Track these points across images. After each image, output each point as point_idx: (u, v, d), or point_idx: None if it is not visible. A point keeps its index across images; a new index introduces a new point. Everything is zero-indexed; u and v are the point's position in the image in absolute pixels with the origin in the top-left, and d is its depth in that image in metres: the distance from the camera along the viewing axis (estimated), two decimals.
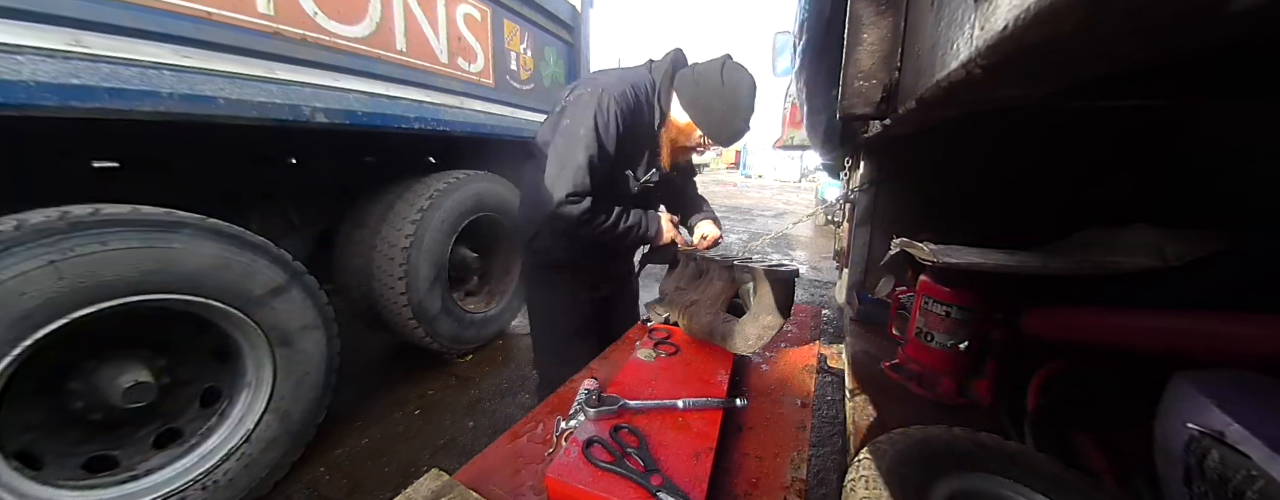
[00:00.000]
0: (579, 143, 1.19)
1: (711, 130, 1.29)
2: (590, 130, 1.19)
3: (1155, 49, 0.27)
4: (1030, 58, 0.28)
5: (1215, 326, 0.71)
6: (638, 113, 1.28)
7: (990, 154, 1.34)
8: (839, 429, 1.99)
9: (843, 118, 0.68)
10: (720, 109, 1.25)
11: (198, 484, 1.40)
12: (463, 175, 2.42)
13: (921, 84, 0.47)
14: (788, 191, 15.78)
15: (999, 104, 0.61)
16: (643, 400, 0.91)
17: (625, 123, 1.23)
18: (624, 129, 1.23)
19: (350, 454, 1.88)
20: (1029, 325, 0.97)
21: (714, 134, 1.30)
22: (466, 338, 2.55)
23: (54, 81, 1.05)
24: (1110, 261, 0.91)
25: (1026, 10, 0.23)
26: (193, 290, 1.34)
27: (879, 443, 0.75)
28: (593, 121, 1.19)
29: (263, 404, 1.55)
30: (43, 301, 1.10)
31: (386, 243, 2.15)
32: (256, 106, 1.42)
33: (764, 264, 1.17)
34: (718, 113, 1.26)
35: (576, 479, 0.70)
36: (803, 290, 4.20)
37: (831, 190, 6.21)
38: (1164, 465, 0.63)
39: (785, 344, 1.37)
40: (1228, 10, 0.20)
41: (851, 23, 0.60)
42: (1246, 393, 0.57)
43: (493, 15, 2.42)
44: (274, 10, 1.48)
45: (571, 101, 1.25)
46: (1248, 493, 0.48)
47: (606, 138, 1.21)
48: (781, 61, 3.66)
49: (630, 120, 1.25)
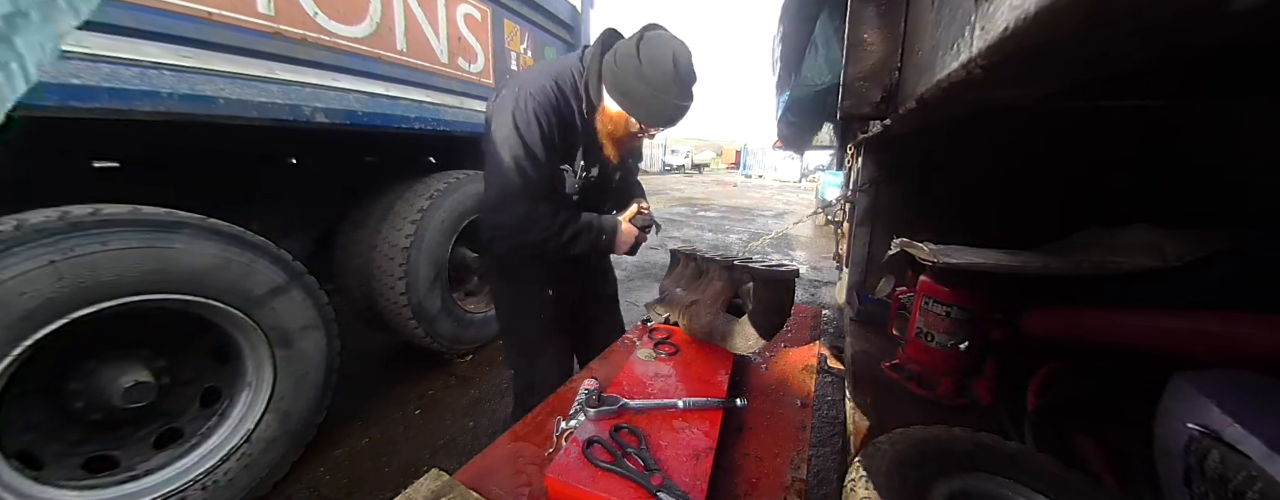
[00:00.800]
0: (503, 148, 1.12)
1: (643, 116, 1.16)
2: (511, 132, 1.12)
3: (1155, 49, 0.27)
4: (1030, 58, 0.28)
5: (1215, 326, 0.71)
6: (563, 107, 1.18)
7: (990, 154, 1.34)
8: (839, 429, 1.99)
9: (843, 118, 0.68)
10: (645, 91, 1.10)
11: (198, 484, 1.40)
12: (463, 175, 2.42)
13: (921, 84, 0.47)
14: (788, 191, 15.79)
15: (999, 104, 0.61)
16: (643, 400, 0.91)
17: (548, 120, 1.14)
18: (547, 128, 1.14)
19: (350, 454, 1.89)
20: (1029, 325, 0.97)
21: (646, 118, 1.16)
22: (466, 338, 2.55)
23: (54, 81, 1.05)
24: (1110, 261, 0.91)
25: (1027, 11, 0.23)
26: (193, 290, 1.34)
27: (879, 443, 0.75)
28: (511, 122, 1.11)
29: (263, 404, 1.55)
30: (43, 301, 1.10)
31: (386, 243, 2.15)
32: (257, 106, 1.43)
33: (764, 264, 1.17)
34: (643, 96, 1.11)
35: (576, 479, 0.70)
36: (803, 290, 4.20)
37: (831, 190, 6.22)
38: (1164, 465, 0.63)
39: (785, 344, 1.37)
40: (1228, 10, 0.20)
41: (852, 23, 0.60)
42: (1246, 393, 0.57)
43: (493, 15, 2.42)
44: (274, 10, 1.48)
45: (496, 107, 1.17)
46: (1248, 493, 0.48)
47: (529, 138, 1.12)
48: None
49: (555, 116, 1.16)
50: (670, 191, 14.26)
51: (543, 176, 1.16)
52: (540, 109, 1.13)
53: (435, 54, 2.11)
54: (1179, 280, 0.83)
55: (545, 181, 1.18)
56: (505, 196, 1.14)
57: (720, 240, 6.59)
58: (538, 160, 1.14)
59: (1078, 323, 0.90)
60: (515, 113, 1.12)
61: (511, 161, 1.12)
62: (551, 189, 1.22)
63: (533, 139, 1.13)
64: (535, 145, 1.13)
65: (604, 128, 1.23)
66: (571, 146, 1.24)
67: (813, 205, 8.61)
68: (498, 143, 1.13)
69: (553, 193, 1.23)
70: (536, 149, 1.13)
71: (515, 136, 1.12)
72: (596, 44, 1.20)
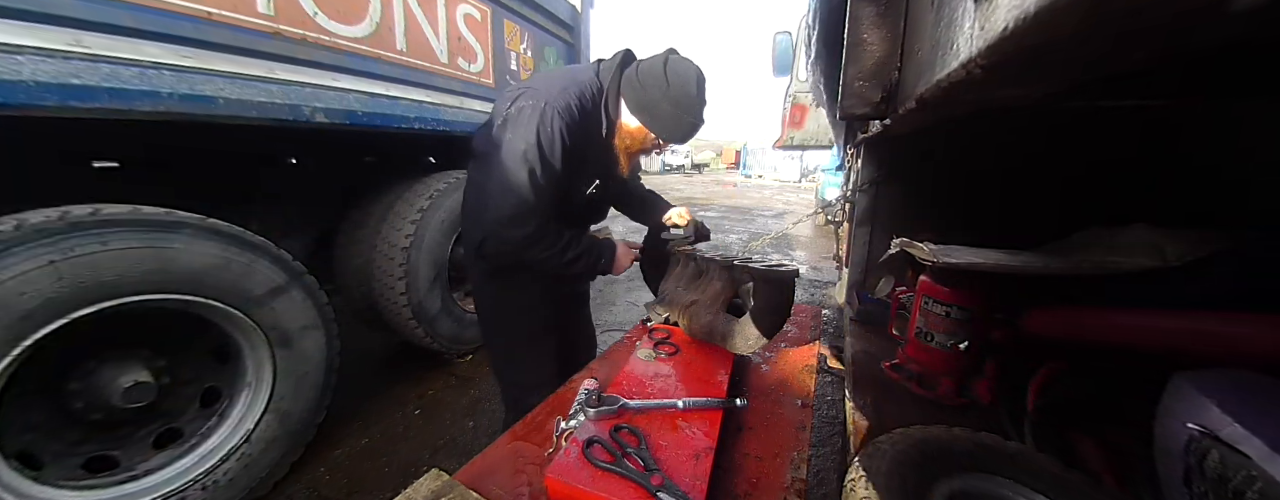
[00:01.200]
0: (521, 161, 1.11)
1: (663, 132, 1.23)
2: (533, 147, 1.11)
3: (1155, 49, 0.27)
4: (1030, 58, 0.28)
5: (1215, 326, 0.72)
6: (586, 125, 1.20)
7: (990, 154, 1.34)
8: (839, 429, 1.99)
9: (843, 117, 0.68)
10: (669, 109, 1.18)
11: (198, 484, 1.40)
12: (463, 175, 2.41)
13: (921, 84, 0.47)
14: (788, 191, 15.78)
15: (999, 104, 0.61)
16: (643, 400, 0.91)
17: (572, 137, 1.16)
18: (570, 145, 1.15)
19: (350, 454, 1.88)
20: (1029, 325, 0.97)
21: (667, 135, 1.23)
22: (466, 338, 2.55)
23: (54, 81, 1.05)
24: (1110, 261, 0.91)
25: (1026, 11, 0.23)
26: (193, 290, 1.34)
27: (879, 443, 0.75)
28: (536, 138, 1.11)
29: (263, 404, 1.55)
30: (43, 301, 1.10)
31: (386, 243, 2.15)
32: (256, 106, 1.42)
33: (764, 264, 1.16)
34: (666, 113, 1.19)
35: (576, 479, 0.70)
36: (803, 290, 4.20)
37: (831, 190, 6.22)
38: (1164, 465, 0.63)
39: (785, 344, 1.37)
40: (1228, 10, 0.20)
41: (851, 23, 0.60)
42: (1246, 393, 0.57)
43: (493, 15, 2.42)
44: (274, 10, 1.48)
45: (512, 114, 1.15)
46: (1247, 493, 0.48)
47: (551, 156, 1.13)
48: (781, 62, 3.67)
49: (578, 134, 1.17)
50: (670, 192, 14.18)
51: (555, 195, 1.18)
52: (566, 128, 1.14)
53: (435, 54, 2.11)
54: (1179, 280, 0.84)
55: (556, 199, 1.19)
56: (518, 212, 1.13)
57: (720, 240, 6.59)
58: (554, 178, 1.15)
59: (1078, 323, 0.91)
60: (540, 128, 1.11)
61: (528, 177, 1.11)
62: (561, 201, 1.23)
63: (555, 157, 1.13)
64: (555, 163, 1.14)
65: (622, 143, 1.28)
66: (589, 162, 1.27)
67: (812, 205, 8.61)
68: (516, 155, 1.12)
69: (560, 204, 1.24)
70: (556, 167, 1.14)
71: (537, 152, 1.11)
72: (614, 63, 1.24)
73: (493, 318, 1.45)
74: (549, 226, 1.18)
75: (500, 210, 1.14)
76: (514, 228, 1.14)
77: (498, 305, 1.42)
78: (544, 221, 1.16)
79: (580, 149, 1.20)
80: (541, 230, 1.16)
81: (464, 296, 2.68)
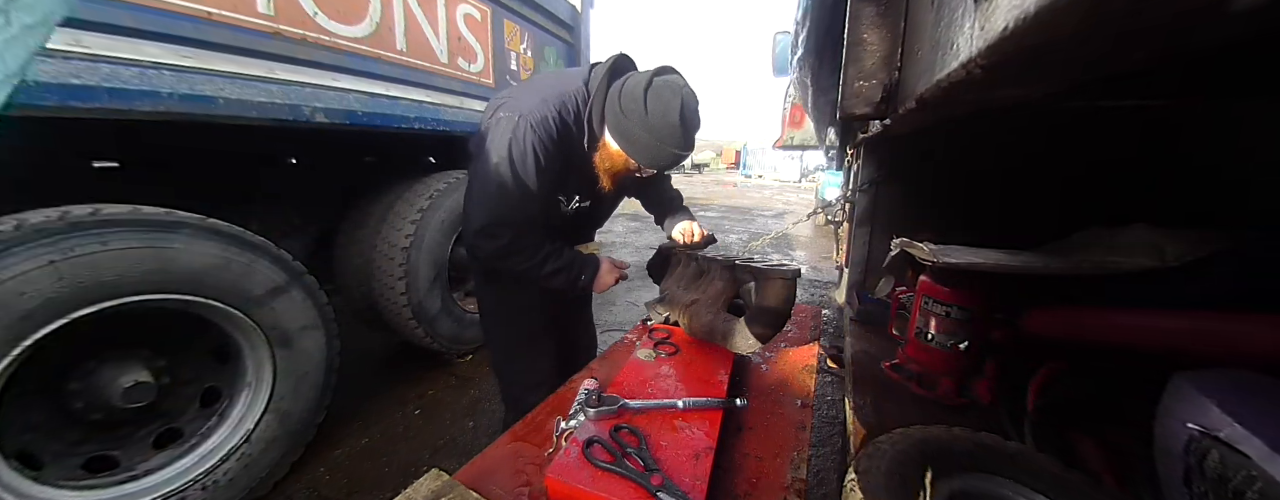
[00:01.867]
0: (493, 174, 1.09)
1: (643, 160, 1.17)
2: (505, 161, 1.09)
3: (1155, 49, 0.27)
4: (1030, 58, 0.28)
5: (1215, 326, 0.72)
6: (564, 139, 1.16)
7: (990, 154, 1.34)
8: (839, 429, 1.99)
9: (843, 118, 0.68)
10: (646, 139, 1.11)
11: (198, 484, 1.40)
12: (463, 175, 2.42)
13: (921, 84, 0.47)
14: (788, 191, 15.79)
15: (999, 104, 0.61)
16: (643, 400, 0.91)
17: (546, 152, 1.12)
18: (544, 161, 1.11)
19: (350, 454, 1.88)
20: (1029, 325, 0.97)
21: (646, 163, 1.18)
22: (466, 338, 2.55)
23: (54, 81, 1.05)
24: (1110, 261, 0.91)
25: (1026, 11, 0.23)
26: (193, 290, 1.34)
27: (879, 443, 0.75)
28: (506, 152, 1.08)
29: (263, 404, 1.55)
30: (43, 301, 1.10)
31: (386, 243, 2.15)
32: (256, 106, 1.42)
33: (765, 264, 1.16)
34: (644, 143, 1.12)
35: (576, 479, 0.70)
36: (803, 290, 4.20)
37: (831, 190, 6.22)
38: (1164, 465, 0.63)
39: (785, 344, 1.37)
40: (1228, 10, 0.20)
41: (851, 23, 0.60)
42: (1246, 393, 0.57)
43: (493, 15, 2.42)
44: (274, 10, 1.48)
45: (491, 125, 1.14)
46: (1247, 493, 0.48)
47: (523, 171, 1.09)
48: (781, 62, 3.66)
49: (553, 149, 1.13)
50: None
51: (531, 207, 1.15)
52: (539, 143, 1.10)
53: (435, 54, 2.11)
54: (1179, 280, 0.84)
55: (533, 212, 1.17)
56: (489, 223, 1.12)
57: (720, 240, 6.58)
58: (529, 192, 1.12)
59: (1078, 323, 0.90)
60: (512, 143, 1.09)
61: (498, 189, 1.10)
62: (540, 216, 1.21)
63: (526, 172, 1.10)
64: (528, 178, 1.11)
65: (602, 163, 1.23)
66: (567, 177, 1.24)
67: (812, 205, 8.61)
68: (489, 166, 1.10)
69: (541, 220, 1.21)
70: (529, 181, 1.11)
71: (507, 165, 1.09)
72: (605, 71, 1.17)
73: (494, 317, 1.45)
74: (527, 239, 1.16)
75: (475, 221, 1.13)
76: (487, 240, 1.13)
77: (499, 305, 1.42)
78: (519, 234, 1.14)
79: (559, 163, 1.17)
80: (516, 242, 1.14)
81: (464, 296, 2.68)
